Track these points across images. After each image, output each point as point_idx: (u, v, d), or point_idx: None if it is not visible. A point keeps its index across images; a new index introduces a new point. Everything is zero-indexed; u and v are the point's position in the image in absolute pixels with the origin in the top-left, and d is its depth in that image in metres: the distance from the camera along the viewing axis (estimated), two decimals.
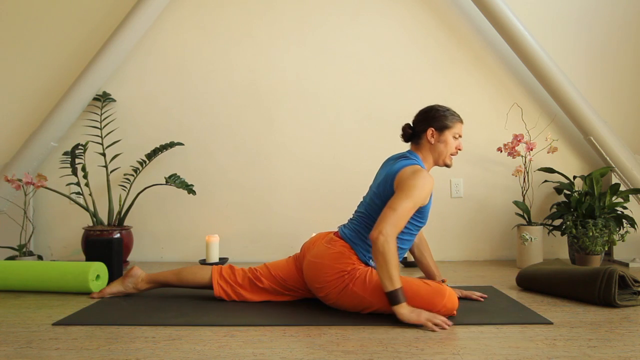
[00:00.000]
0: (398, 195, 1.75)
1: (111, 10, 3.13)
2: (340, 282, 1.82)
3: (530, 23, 2.98)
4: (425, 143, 1.94)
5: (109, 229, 2.78)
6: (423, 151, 1.95)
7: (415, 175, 1.78)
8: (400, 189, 1.77)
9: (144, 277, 2.11)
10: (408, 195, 1.74)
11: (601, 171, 2.83)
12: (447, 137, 1.93)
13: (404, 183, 1.77)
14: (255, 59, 3.13)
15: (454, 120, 1.95)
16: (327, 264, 1.85)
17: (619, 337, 1.56)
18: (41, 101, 3.13)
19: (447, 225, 3.10)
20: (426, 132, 1.93)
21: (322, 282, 1.85)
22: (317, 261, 1.88)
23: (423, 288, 1.76)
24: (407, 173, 1.80)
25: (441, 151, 1.94)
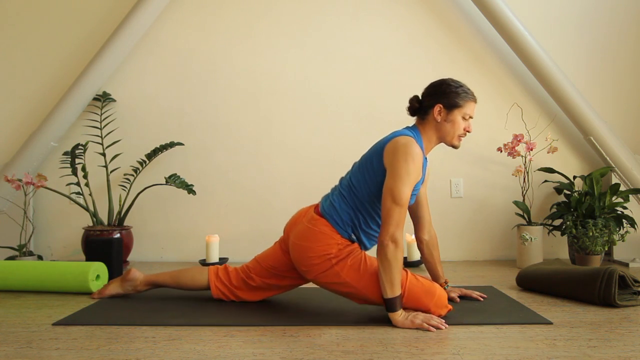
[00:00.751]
0: (395, 182, 1.67)
1: (111, 10, 3.13)
2: (327, 264, 1.77)
3: (530, 23, 2.98)
4: (431, 120, 1.81)
5: (109, 229, 2.78)
6: (427, 128, 1.82)
7: (406, 153, 1.68)
8: (395, 173, 1.68)
9: (142, 280, 2.10)
10: (404, 180, 1.66)
11: (601, 171, 2.83)
12: (456, 116, 1.79)
13: (396, 165, 1.68)
14: (255, 59, 3.13)
15: (466, 99, 1.80)
16: (310, 247, 1.79)
17: (619, 337, 1.56)
18: (41, 101, 3.13)
19: (447, 225, 3.09)
20: (433, 109, 1.79)
21: (308, 265, 1.80)
22: (301, 243, 1.81)
23: (415, 285, 1.73)
24: (397, 149, 1.69)
25: (447, 131, 1.80)
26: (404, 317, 1.66)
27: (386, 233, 1.65)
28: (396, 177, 1.67)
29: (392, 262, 1.64)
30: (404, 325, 1.65)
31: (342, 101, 3.11)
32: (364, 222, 1.82)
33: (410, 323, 1.64)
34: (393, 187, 1.67)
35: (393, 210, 1.66)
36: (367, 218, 1.81)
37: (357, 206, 1.81)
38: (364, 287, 1.74)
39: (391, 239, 1.64)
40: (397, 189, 1.66)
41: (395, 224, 1.65)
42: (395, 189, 1.66)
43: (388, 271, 1.65)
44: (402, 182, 1.67)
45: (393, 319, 1.67)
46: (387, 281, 1.65)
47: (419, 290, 1.72)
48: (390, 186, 1.68)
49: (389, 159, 1.72)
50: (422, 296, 1.72)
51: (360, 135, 3.10)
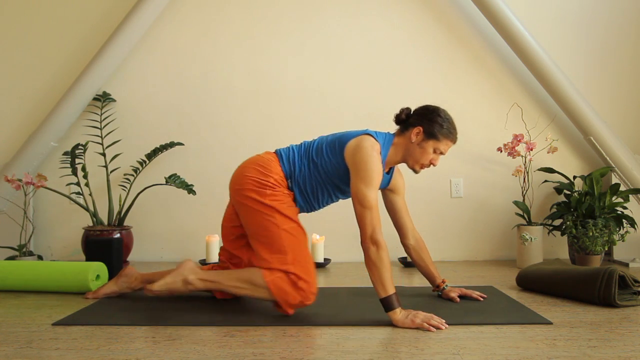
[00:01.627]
0: (359, 185, 1.73)
1: (111, 9, 3.13)
2: (260, 191, 1.82)
3: (530, 23, 2.98)
4: (407, 137, 1.88)
5: (109, 229, 2.78)
6: (400, 142, 1.89)
7: (368, 155, 1.75)
8: (359, 177, 1.74)
9: (137, 277, 2.10)
10: (369, 183, 1.73)
11: (601, 171, 2.83)
12: (429, 146, 1.85)
13: (360, 167, 1.75)
14: (255, 59, 3.13)
15: (447, 136, 1.86)
16: (249, 166, 1.90)
17: (619, 337, 1.56)
18: (41, 101, 3.13)
19: (447, 225, 3.10)
20: (414, 128, 1.86)
21: (242, 182, 1.86)
22: (244, 164, 1.94)
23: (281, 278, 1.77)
24: (357, 151, 1.77)
25: (414, 154, 1.87)
26: (404, 316, 1.66)
27: (365, 236, 1.70)
28: (359, 180, 1.74)
29: (378, 263, 1.67)
30: (404, 325, 1.65)
31: (342, 101, 3.11)
32: (307, 177, 1.88)
33: (411, 322, 1.64)
34: (358, 192, 1.73)
35: (364, 214, 1.71)
36: (311, 178, 1.88)
37: (308, 164, 1.88)
38: (272, 235, 1.79)
39: (371, 241, 1.69)
40: (362, 193, 1.72)
41: (370, 226, 1.70)
42: (360, 194, 1.73)
43: (376, 273, 1.68)
44: (366, 185, 1.73)
45: (393, 319, 1.67)
46: (378, 282, 1.68)
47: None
48: (356, 191, 1.74)
49: (350, 159, 1.80)
50: None
51: None
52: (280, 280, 1.74)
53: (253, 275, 1.78)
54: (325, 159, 1.86)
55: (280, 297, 1.75)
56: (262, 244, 1.82)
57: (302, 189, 1.90)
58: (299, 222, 1.87)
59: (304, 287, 1.75)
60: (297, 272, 1.75)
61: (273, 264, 1.76)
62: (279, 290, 1.74)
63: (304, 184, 1.89)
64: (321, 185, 1.90)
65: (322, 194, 1.92)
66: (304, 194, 1.91)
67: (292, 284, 1.75)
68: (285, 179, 1.89)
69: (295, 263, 1.76)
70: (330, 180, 1.88)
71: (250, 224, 1.86)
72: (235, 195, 1.91)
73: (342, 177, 1.85)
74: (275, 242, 1.79)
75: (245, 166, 1.92)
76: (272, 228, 1.80)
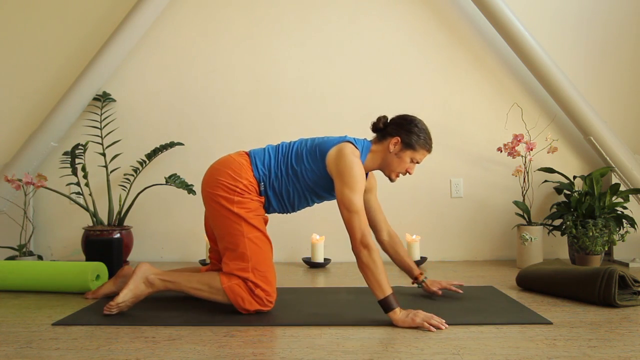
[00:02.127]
0: (344, 190, 1.75)
1: (111, 9, 3.12)
2: (228, 197, 1.83)
3: (530, 23, 2.98)
4: (385, 146, 1.91)
5: (109, 229, 2.78)
6: (378, 150, 1.93)
7: (351, 162, 1.78)
8: (343, 182, 1.77)
9: None
10: (354, 188, 1.75)
11: (601, 171, 2.83)
12: (406, 156, 1.90)
13: (343, 173, 1.77)
14: (255, 59, 3.13)
15: (422, 147, 1.90)
16: (222, 170, 1.89)
17: (619, 337, 1.56)
18: (41, 101, 3.13)
19: (447, 225, 3.10)
20: (392, 138, 1.89)
21: (213, 186, 1.87)
22: (215, 166, 1.94)
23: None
24: (340, 158, 1.80)
25: (392, 163, 1.91)
26: (404, 315, 1.67)
27: (355, 241, 1.73)
28: (344, 186, 1.76)
29: (371, 266, 1.70)
30: (405, 324, 1.65)
31: (342, 101, 3.11)
32: (283, 182, 1.89)
33: (411, 321, 1.65)
34: (343, 197, 1.76)
35: (352, 219, 1.74)
36: (288, 184, 1.89)
37: (287, 170, 1.89)
38: (236, 241, 1.80)
39: (362, 245, 1.72)
40: (348, 199, 1.75)
41: (359, 231, 1.73)
42: (345, 200, 1.75)
43: (371, 276, 1.70)
44: (351, 190, 1.75)
45: (393, 319, 1.67)
46: (374, 285, 1.69)
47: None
48: (341, 197, 1.77)
49: (333, 167, 1.82)
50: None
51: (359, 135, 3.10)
52: (237, 287, 1.79)
53: (212, 279, 1.82)
54: (306, 166, 1.88)
55: (237, 303, 1.80)
56: (226, 248, 1.85)
57: (277, 193, 1.91)
58: (265, 231, 1.89)
59: (260, 295, 1.79)
60: (256, 281, 1.79)
61: (233, 270, 1.80)
62: (235, 296, 1.79)
63: (280, 189, 1.91)
64: (298, 191, 1.91)
65: (299, 199, 1.94)
66: (278, 198, 1.93)
67: (249, 291, 1.79)
68: (258, 183, 1.89)
69: (254, 272, 1.80)
70: (309, 186, 1.90)
71: (218, 227, 1.88)
72: (205, 196, 1.92)
73: (322, 184, 1.88)
74: (238, 249, 1.81)
75: (217, 168, 1.93)
76: (238, 235, 1.82)
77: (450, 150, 3.10)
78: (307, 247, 3.00)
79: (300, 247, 3.06)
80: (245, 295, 1.79)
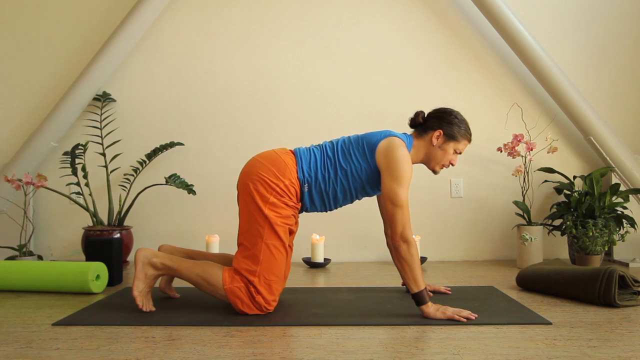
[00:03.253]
0: (392, 184, 1.77)
1: (111, 10, 3.12)
2: (264, 195, 1.81)
3: (530, 23, 2.99)
4: (427, 140, 1.92)
5: (109, 229, 2.78)
6: (420, 144, 1.93)
7: (401, 155, 1.79)
8: (391, 176, 1.78)
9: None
10: (402, 183, 1.77)
11: (601, 171, 2.83)
12: (450, 147, 1.91)
13: (392, 167, 1.78)
14: (255, 59, 3.13)
15: (464, 137, 1.93)
16: (265, 164, 1.87)
17: (619, 337, 1.56)
18: (41, 101, 3.13)
19: (447, 225, 3.10)
20: (434, 131, 1.90)
21: (252, 179, 1.84)
22: (259, 159, 1.90)
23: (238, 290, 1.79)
24: (391, 151, 1.80)
25: (436, 156, 1.93)
26: (435, 309, 1.73)
27: (395, 234, 1.76)
28: (393, 180, 1.78)
29: (409, 260, 1.74)
30: (436, 317, 1.72)
31: (342, 101, 3.11)
32: (331, 183, 1.87)
33: (442, 314, 1.72)
34: (391, 191, 1.77)
35: (395, 213, 1.76)
36: (337, 184, 1.87)
37: (335, 170, 1.87)
38: (254, 242, 1.79)
39: (402, 239, 1.75)
40: (394, 192, 1.77)
41: (401, 224, 1.75)
42: (392, 193, 1.77)
43: (407, 269, 1.74)
44: (398, 185, 1.77)
45: (425, 312, 1.74)
46: (410, 279, 1.74)
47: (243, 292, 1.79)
48: (388, 191, 1.77)
49: (382, 160, 1.82)
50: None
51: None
52: (237, 290, 1.79)
53: (214, 275, 1.81)
54: (356, 164, 1.86)
55: (235, 304, 1.80)
56: (242, 244, 1.84)
57: (324, 192, 1.89)
58: (286, 241, 1.86)
59: (260, 302, 1.79)
60: (259, 287, 1.78)
61: (241, 268, 1.79)
62: (235, 298, 1.79)
63: (327, 189, 1.88)
64: (345, 190, 1.90)
65: (345, 197, 1.92)
66: (323, 198, 1.90)
67: (249, 296, 1.79)
68: (301, 185, 1.87)
69: (260, 277, 1.79)
70: (359, 184, 1.89)
71: (243, 220, 1.87)
72: (241, 187, 1.89)
73: (373, 180, 1.88)
74: (253, 249, 1.81)
75: (261, 162, 1.88)
76: (257, 236, 1.81)
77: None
78: (307, 247, 3.00)
79: (300, 247, 3.06)
80: (244, 299, 1.79)
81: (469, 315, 1.72)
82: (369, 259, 3.03)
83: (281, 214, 1.83)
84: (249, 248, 1.81)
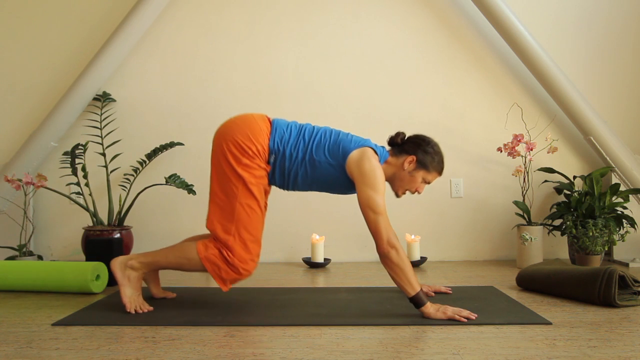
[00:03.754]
0: (369, 192, 1.78)
1: (111, 9, 3.12)
2: (237, 156, 1.84)
3: (530, 23, 2.98)
4: (400, 162, 1.93)
5: (109, 229, 2.78)
6: (392, 163, 1.94)
7: (374, 165, 1.81)
8: (367, 184, 1.79)
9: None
10: (377, 190, 1.78)
11: (601, 171, 2.83)
12: (419, 175, 1.93)
13: (367, 176, 1.79)
14: (255, 59, 3.13)
15: (436, 169, 1.94)
16: (240, 126, 1.89)
17: (619, 337, 1.56)
18: (41, 101, 3.13)
19: (447, 225, 3.10)
20: (408, 156, 1.92)
21: (227, 140, 1.86)
22: (234, 120, 1.93)
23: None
24: (365, 160, 1.82)
25: (403, 180, 1.94)
26: (435, 310, 1.74)
27: (382, 242, 1.75)
28: (368, 187, 1.79)
29: (401, 265, 1.73)
30: (437, 317, 1.73)
31: (342, 101, 3.11)
32: (295, 164, 1.88)
33: (443, 314, 1.73)
34: (369, 199, 1.78)
35: (377, 221, 1.77)
36: (299, 168, 1.88)
37: (304, 156, 1.87)
38: (229, 202, 1.83)
39: (389, 245, 1.75)
40: (372, 199, 1.78)
41: (385, 232, 1.76)
42: (370, 201, 1.78)
43: (401, 274, 1.74)
44: (375, 192, 1.79)
45: (425, 313, 1.74)
46: (405, 283, 1.73)
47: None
48: (367, 198, 1.78)
49: (355, 168, 1.83)
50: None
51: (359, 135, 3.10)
52: (213, 257, 1.82)
53: (190, 251, 1.85)
54: (325, 160, 1.87)
55: (214, 272, 1.82)
56: (216, 205, 1.87)
57: (285, 171, 1.90)
58: (261, 200, 1.87)
59: (235, 264, 1.81)
60: (234, 247, 1.80)
61: (216, 229, 1.82)
62: (213, 266, 1.82)
63: (289, 169, 1.90)
64: (307, 178, 1.91)
65: (305, 184, 1.94)
66: (284, 176, 1.92)
67: (224, 260, 1.81)
68: (269, 153, 1.88)
69: (236, 236, 1.81)
70: (324, 179, 1.90)
71: (215, 181, 1.90)
72: (216, 147, 1.92)
73: (338, 181, 1.89)
74: (227, 209, 1.83)
75: (237, 124, 1.91)
76: (232, 197, 1.84)
77: (450, 150, 3.07)
78: (307, 247, 3.00)
79: (300, 247, 3.06)
80: (221, 265, 1.81)
81: (469, 315, 1.73)
82: (369, 259, 3.02)
83: (254, 174, 1.85)
84: (223, 208, 1.84)
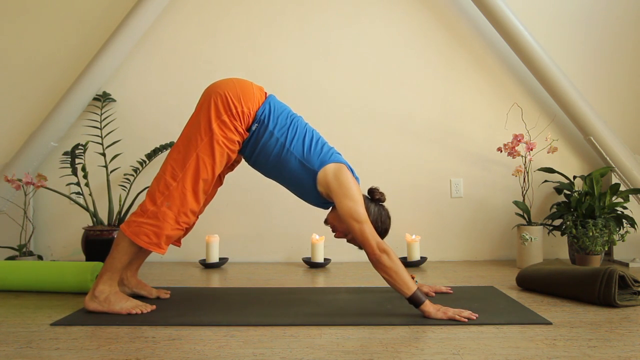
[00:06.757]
0: (349, 204, 1.80)
1: (111, 9, 3.12)
2: (219, 112, 1.83)
3: (530, 23, 2.98)
4: None
5: (109, 229, 2.78)
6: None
7: (348, 178, 1.85)
8: (345, 195, 1.81)
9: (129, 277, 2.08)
10: (356, 200, 1.82)
11: (601, 171, 2.83)
12: None
13: (344, 189, 1.82)
14: (255, 59, 3.13)
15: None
16: (235, 86, 1.88)
17: (619, 337, 1.56)
18: (41, 101, 3.13)
19: (447, 225, 3.10)
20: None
21: (216, 93, 1.85)
22: (232, 79, 1.94)
23: None
24: (340, 173, 1.85)
25: (339, 221, 1.94)
26: (436, 309, 1.75)
27: (373, 249, 1.77)
28: (348, 199, 1.82)
29: (394, 267, 1.75)
30: (437, 317, 1.73)
31: (342, 101, 3.11)
32: (270, 148, 1.88)
33: (443, 314, 1.73)
34: (350, 209, 1.81)
35: (363, 230, 1.79)
36: (271, 154, 1.88)
37: (283, 145, 1.88)
38: (187, 151, 1.83)
39: (380, 250, 1.77)
40: (354, 210, 1.81)
41: (373, 238, 1.78)
42: (352, 211, 1.81)
43: (396, 277, 1.74)
44: (354, 202, 1.82)
45: (425, 312, 1.74)
46: (401, 285, 1.74)
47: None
48: (348, 210, 1.81)
49: (333, 180, 1.84)
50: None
51: (359, 135, 3.11)
52: (136, 227, 1.81)
53: (119, 238, 1.85)
54: (299, 155, 1.88)
55: (140, 240, 1.81)
56: (177, 146, 1.87)
57: (260, 147, 1.89)
58: (217, 164, 1.84)
59: (167, 216, 1.80)
60: (174, 193, 1.80)
61: (166, 170, 1.84)
62: (141, 235, 1.80)
63: (264, 147, 1.88)
64: (278, 169, 1.91)
65: (265, 164, 1.93)
66: (254, 148, 1.91)
67: (152, 218, 1.80)
68: (253, 120, 1.87)
69: (179, 184, 1.81)
70: (286, 170, 1.90)
71: (187, 126, 1.90)
72: (205, 95, 1.90)
73: (297, 178, 1.90)
74: (183, 153, 1.84)
75: (233, 83, 1.90)
76: (193, 146, 1.83)
77: (450, 150, 3.10)
78: (307, 247, 3.00)
79: (300, 247, 3.06)
80: (148, 230, 1.79)
81: (469, 316, 1.73)
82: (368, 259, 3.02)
83: (226, 135, 1.84)
84: (181, 152, 1.84)
